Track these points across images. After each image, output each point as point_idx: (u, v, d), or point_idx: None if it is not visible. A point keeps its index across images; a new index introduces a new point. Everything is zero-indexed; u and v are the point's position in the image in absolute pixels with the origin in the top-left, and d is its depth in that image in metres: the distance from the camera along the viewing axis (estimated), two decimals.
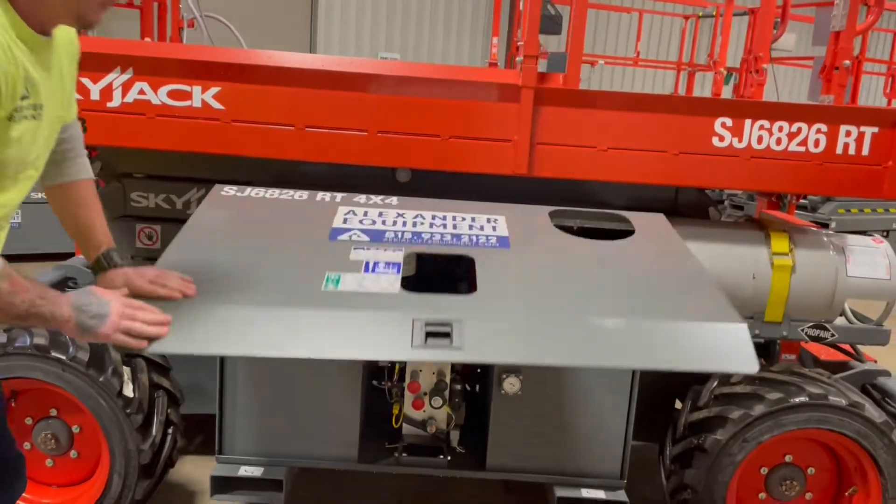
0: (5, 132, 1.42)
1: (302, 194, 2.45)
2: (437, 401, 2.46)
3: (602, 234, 2.57)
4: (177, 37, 5.42)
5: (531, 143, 2.57)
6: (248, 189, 2.45)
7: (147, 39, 5.16)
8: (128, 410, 2.46)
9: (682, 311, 1.87)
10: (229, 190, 2.44)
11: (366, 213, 2.31)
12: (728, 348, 1.78)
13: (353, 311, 1.78)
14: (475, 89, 2.60)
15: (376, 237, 2.14)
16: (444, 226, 2.27)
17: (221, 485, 2.45)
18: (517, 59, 2.69)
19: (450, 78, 2.67)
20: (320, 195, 2.45)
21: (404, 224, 2.25)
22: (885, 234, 8.22)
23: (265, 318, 1.75)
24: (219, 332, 1.71)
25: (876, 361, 3.37)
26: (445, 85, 2.60)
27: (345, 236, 2.13)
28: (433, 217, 2.33)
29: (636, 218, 2.49)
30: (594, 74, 14.23)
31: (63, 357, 2.44)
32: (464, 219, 2.33)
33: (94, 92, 2.50)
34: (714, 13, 8.98)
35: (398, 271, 1.95)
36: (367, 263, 1.97)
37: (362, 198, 2.46)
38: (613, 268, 2.08)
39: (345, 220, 2.25)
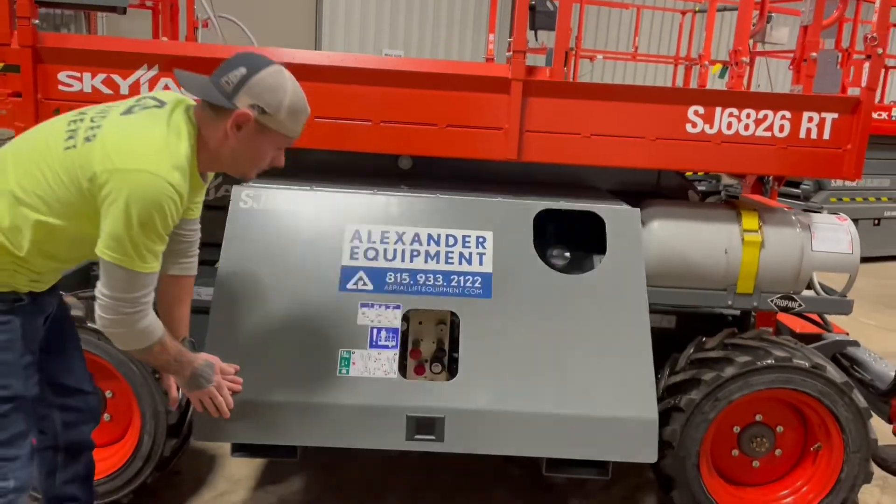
0: None
1: (313, 201, 2.74)
2: (437, 367, 2.71)
3: (580, 220, 2.83)
4: (192, 36, 5.64)
5: (520, 131, 2.78)
6: (263, 194, 2.70)
7: (164, 38, 5.40)
8: (157, 375, 2.68)
9: (612, 398, 2.52)
10: (247, 199, 2.70)
11: (370, 236, 2.68)
12: (637, 440, 2.51)
13: (360, 403, 2.44)
14: (470, 82, 2.79)
15: (378, 283, 2.61)
16: (438, 256, 2.67)
17: (241, 445, 2.69)
18: (507, 54, 2.91)
19: (446, 72, 2.86)
20: (328, 202, 2.75)
21: (403, 256, 2.66)
22: (876, 222, 8.38)
23: (292, 409, 2.43)
24: (252, 424, 2.41)
25: (848, 334, 3.60)
26: (442, 78, 2.80)
27: (352, 283, 2.61)
28: (428, 240, 2.69)
29: (611, 219, 2.77)
30: (595, 69, 14.41)
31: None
32: (455, 240, 2.70)
33: (124, 87, 2.73)
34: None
35: (396, 344, 2.54)
36: (372, 332, 2.54)
37: (366, 203, 2.75)
38: (571, 332, 2.62)
39: (352, 254, 2.65)
